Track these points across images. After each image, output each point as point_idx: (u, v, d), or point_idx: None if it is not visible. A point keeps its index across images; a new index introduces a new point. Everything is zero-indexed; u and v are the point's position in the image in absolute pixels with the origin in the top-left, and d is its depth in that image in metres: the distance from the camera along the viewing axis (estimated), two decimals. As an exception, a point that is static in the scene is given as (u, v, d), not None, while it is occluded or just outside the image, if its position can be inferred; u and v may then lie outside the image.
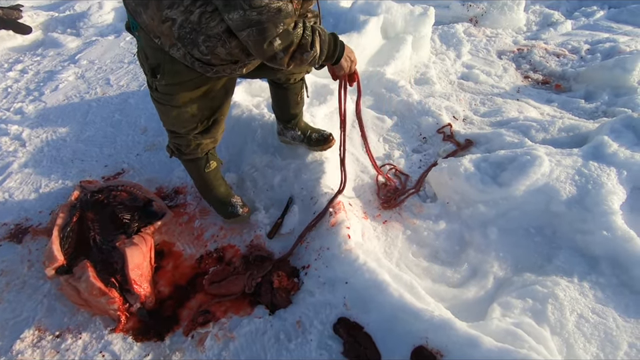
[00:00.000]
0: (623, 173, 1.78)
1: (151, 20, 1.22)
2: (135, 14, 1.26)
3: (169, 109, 1.48)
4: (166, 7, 1.17)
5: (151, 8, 1.19)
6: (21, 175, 2.34)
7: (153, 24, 1.23)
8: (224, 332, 1.50)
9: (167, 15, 1.19)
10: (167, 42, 1.26)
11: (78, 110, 2.91)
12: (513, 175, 1.80)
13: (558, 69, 3.11)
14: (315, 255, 1.62)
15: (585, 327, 1.42)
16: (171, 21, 1.20)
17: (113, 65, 3.51)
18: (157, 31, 1.24)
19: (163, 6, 1.17)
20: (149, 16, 1.21)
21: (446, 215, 1.90)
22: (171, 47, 1.27)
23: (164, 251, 1.84)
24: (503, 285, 1.61)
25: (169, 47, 1.27)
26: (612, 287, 1.53)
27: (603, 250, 1.60)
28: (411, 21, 3.15)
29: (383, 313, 1.38)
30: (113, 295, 1.54)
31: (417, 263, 1.74)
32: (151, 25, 1.23)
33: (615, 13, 3.89)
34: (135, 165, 2.36)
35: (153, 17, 1.21)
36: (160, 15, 1.19)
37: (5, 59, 3.75)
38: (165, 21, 1.20)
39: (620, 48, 3.11)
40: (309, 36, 1.26)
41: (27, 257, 1.85)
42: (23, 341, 1.52)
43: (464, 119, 2.53)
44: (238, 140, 2.27)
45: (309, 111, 2.32)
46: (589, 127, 2.21)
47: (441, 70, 3.15)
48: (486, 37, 3.63)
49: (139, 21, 1.27)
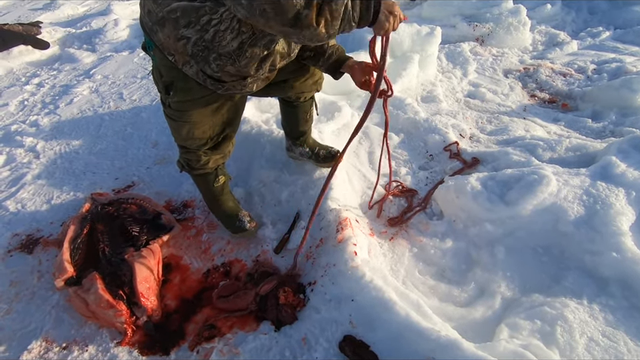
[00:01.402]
0: (632, 193, 1.77)
1: (166, 38, 1.27)
2: (151, 32, 1.31)
3: (180, 125, 1.52)
4: (182, 25, 1.22)
5: (167, 27, 1.24)
6: (34, 186, 2.39)
7: (168, 42, 1.27)
8: (229, 347, 1.50)
9: (182, 34, 1.23)
10: (180, 59, 1.31)
11: (91, 123, 2.98)
12: (520, 194, 1.80)
13: (564, 88, 3.13)
14: (322, 272, 1.62)
15: (595, 350, 1.39)
16: (185, 39, 1.24)
17: (126, 80, 3.60)
18: (172, 48, 1.28)
19: (180, 25, 1.22)
20: (165, 34, 1.26)
21: (452, 233, 1.89)
22: (184, 65, 1.32)
23: (171, 264, 1.86)
24: (510, 306, 1.59)
25: (182, 64, 1.32)
26: (622, 309, 1.51)
27: (612, 271, 1.58)
28: (417, 40, 3.20)
29: (389, 332, 1.37)
30: (120, 307, 1.55)
31: (423, 281, 1.73)
32: (166, 42, 1.28)
33: (620, 34, 3.92)
34: (145, 178, 2.40)
35: (169, 35, 1.25)
36: (176, 34, 1.24)
37: (23, 72, 3.88)
38: (180, 39, 1.24)
39: (627, 68, 3.12)
40: None
41: (37, 267, 1.88)
42: (30, 352, 1.53)
43: (470, 137, 2.55)
44: (246, 155, 2.30)
45: (317, 127, 2.35)
46: (597, 146, 2.21)
47: (448, 88, 3.18)
48: (492, 56, 3.67)
49: (154, 39, 1.31)
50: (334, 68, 1.66)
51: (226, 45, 1.24)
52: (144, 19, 1.32)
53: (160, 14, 1.23)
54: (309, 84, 1.78)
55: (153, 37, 1.31)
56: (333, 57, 1.63)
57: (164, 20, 1.24)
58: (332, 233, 1.73)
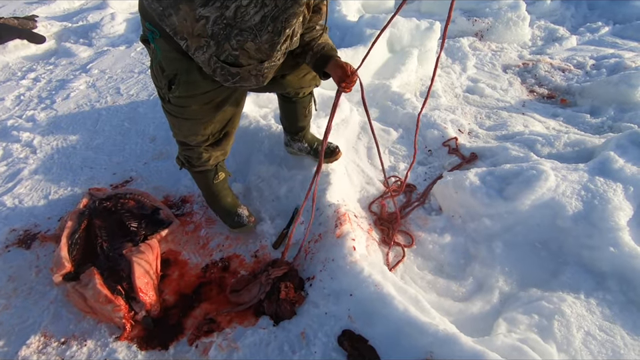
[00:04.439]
0: (630, 189, 1.77)
1: (183, 21, 1.21)
2: (162, 17, 1.24)
3: (181, 121, 1.50)
4: (199, 5, 1.16)
5: (183, 8, 1.18)
6: (31, 181, 2.37)
7: (184, 24, 1.21)
8: (228, 342, 1.50)
9: (200, 14, 1.18)
10: (194, 44, 1.25)
11: (88, 118, 2.96)
12: (518, 189, 1.80)
13: (563, 83, 3.13)
14: (320, 267, 1.63)
15: (592, 344, 1.40)
16: (205, 19, 1.19)
17: (123, 75, 3.58)
18: (187, 32, 1.23)
19: (196, 5, 1.16)
20: (181, 17, 1.20)
21: (451, 228, 1.90)
22: (197, 50, 1.26)
23: (170, 260, 1.86)
24: (508, 300, 1.60)
25: (195, 49, 1.26)
26: (619, 304, 1.52)
27: (609, 266, 1.59)
28: (416, 35, 3.19)
29: (387, 326, 1.37)
30: (118, 302, 1.55)
31: (421, 276, 1.74)
32: (181, 26, 1.22)
33: (619, 29, 3.91)
34: (143, 173, 2.39)
35: (186, 17, 1.19)
36: (194, 15, 1.18)
37: (19, 67, 3.84)
38: (199, 19, 1.19)
39: (625, 64, 3.12)
40: None
41: (34, 263, 1.87)
42: (29, 347, 1.53)
43: (469, 132, 2.55)
44: (245, 150, 2.29)
45: (316, 122, 2.34)
46: (595, 142, 2.21)
47: (447, 83, 3.18)
48: (491, 51, 3.66)
49: (166, 24, 1.24)
50: (320, 65, 1.53)
51: (248, 19, 1.19)
52: (151, 5, 1.24)
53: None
54: (308, 79, 1.77)
55: (163, 21, 1.24)
56: (320, 52, 1.51)
57: (178, 1, 1.18)
58: (331, 227, 1.73)
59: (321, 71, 1.52)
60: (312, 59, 1.51)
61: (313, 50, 1.50)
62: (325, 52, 1.50)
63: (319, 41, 1.52)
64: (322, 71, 1.51)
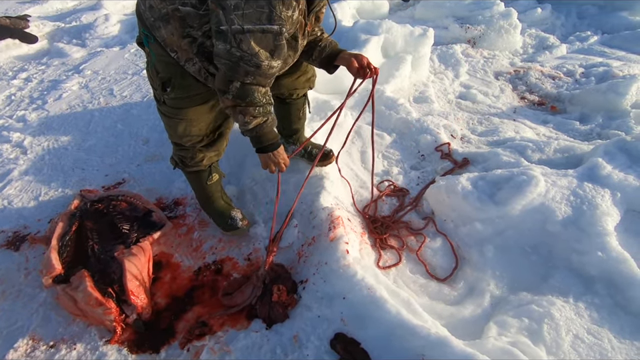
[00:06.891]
0: (617, 194, 1.81)
1: (170, 35, 1.25)
2: (152, 28, 1.29)
3: (176, 122, 1.51)
4: (188, 25, 1.22)
5: (173, 24, 1.23)
6: (21, 182, 2.34)
7: (172, 39, 1.26)
8: (220, 345, 1.50)
9: (188, 32, 1.23)
10: (183, 56, 1.29)
11: (80, 119, 2.94)
12: (509, 194, 1.83)
13: (553, 90, 3.19)
14: (314, 270, 1.63)
15: (580, 347, 1.42)
16: (191, 38, 1.24)
17: (116, 76, 3.56)
18: (175, 45, 1.27)
19: (186, 24, 1.22)
20: (169, 31, 1.25)
21: (443, 232, 1.91)
22: (187, 62, 1.31)
23: (162, 262, 1.84)
24: (499, 304, 1.62)
25: (185, 61, 1.30)
26: (607, 307, 1.54)
27: (598, 270, 1.62)
28: (410, 41, 3.23)
29: (380, 329, 1.38)
30: (109, 305, 1.53)
31: (414, 280, 1.75)
32: (169, 39, 1.27)
33: (608, 39, 4.00)
34: (136, 175, 2.38)
35: (173, 32, 1.24)
36: (181, 31, 1.24)
37: (10, 67, 3.80)
38: (186, 37, 1.24)
39: (613, 72, 3.19)
40: (260, 114, 1.34)
41: (23, 265, 1.84)
42: (17, 351, 1.51)
43: (461, 137, 2.58)
44: (239, 153, 2.29)
45: (310, 126, 2.35)
46: (584, 148, 2.25)
47: (440, 89, 3.21)
48: (483, 58, 3.72)
49: (156, 34, 1.29)
50: (327, 61, 1.63)
51: None
52: (145, 13, 1.29)
53: (164, 10, 1.21)
54: (302, 81, 1.78)
55: (154, 32, 1.29)
56: (326, 50, 1.60)
57: (168, 17, 1.22)
58: (324, 231, 1.73)
59: (329, 65, 1.64)
60: (318, 56, 1.62)
61: (319, 47, 1.60)
62: (332, 47, 1.62)
63: (323, 40, 1.62)
64: (331, 64, 1.63)
